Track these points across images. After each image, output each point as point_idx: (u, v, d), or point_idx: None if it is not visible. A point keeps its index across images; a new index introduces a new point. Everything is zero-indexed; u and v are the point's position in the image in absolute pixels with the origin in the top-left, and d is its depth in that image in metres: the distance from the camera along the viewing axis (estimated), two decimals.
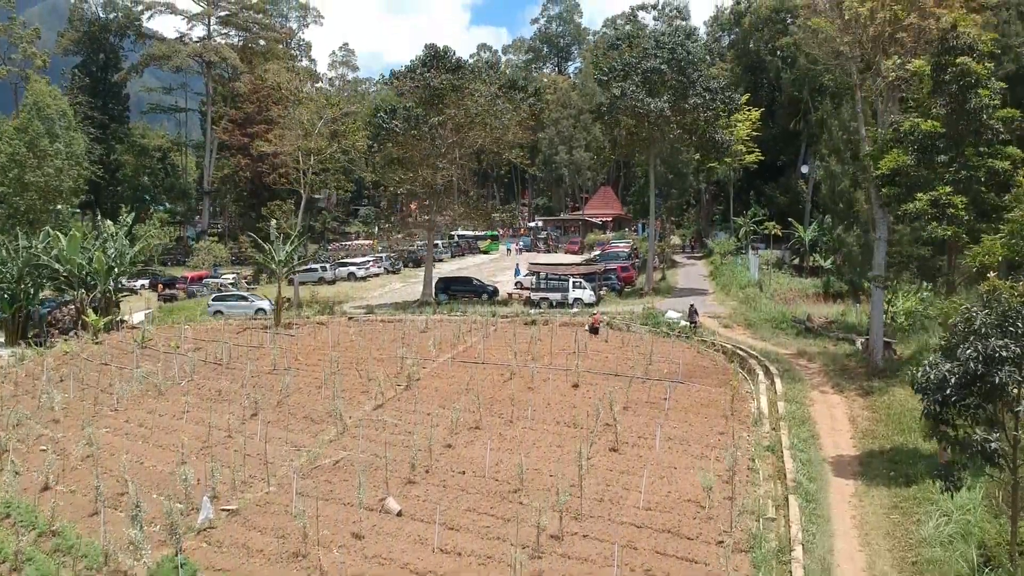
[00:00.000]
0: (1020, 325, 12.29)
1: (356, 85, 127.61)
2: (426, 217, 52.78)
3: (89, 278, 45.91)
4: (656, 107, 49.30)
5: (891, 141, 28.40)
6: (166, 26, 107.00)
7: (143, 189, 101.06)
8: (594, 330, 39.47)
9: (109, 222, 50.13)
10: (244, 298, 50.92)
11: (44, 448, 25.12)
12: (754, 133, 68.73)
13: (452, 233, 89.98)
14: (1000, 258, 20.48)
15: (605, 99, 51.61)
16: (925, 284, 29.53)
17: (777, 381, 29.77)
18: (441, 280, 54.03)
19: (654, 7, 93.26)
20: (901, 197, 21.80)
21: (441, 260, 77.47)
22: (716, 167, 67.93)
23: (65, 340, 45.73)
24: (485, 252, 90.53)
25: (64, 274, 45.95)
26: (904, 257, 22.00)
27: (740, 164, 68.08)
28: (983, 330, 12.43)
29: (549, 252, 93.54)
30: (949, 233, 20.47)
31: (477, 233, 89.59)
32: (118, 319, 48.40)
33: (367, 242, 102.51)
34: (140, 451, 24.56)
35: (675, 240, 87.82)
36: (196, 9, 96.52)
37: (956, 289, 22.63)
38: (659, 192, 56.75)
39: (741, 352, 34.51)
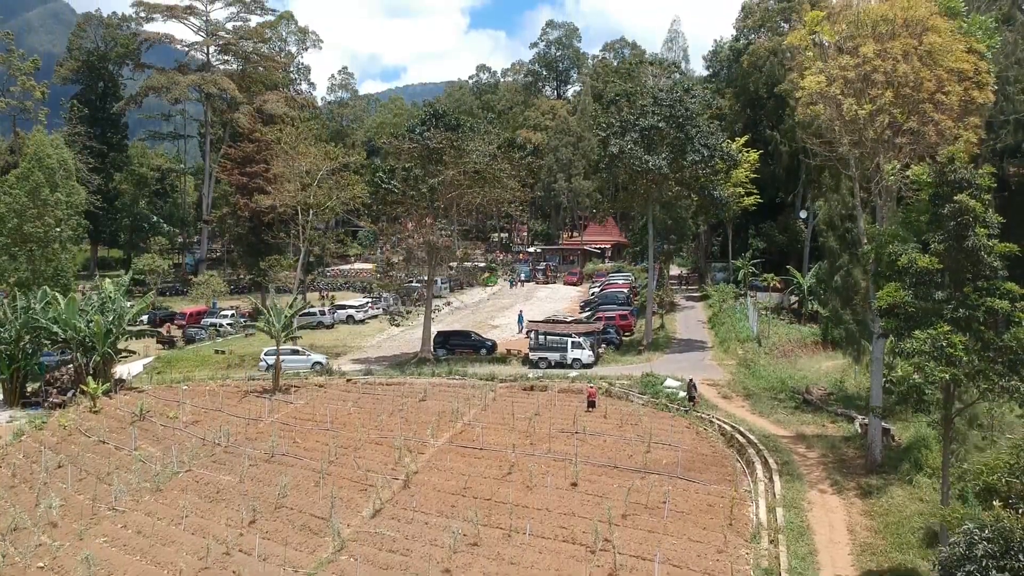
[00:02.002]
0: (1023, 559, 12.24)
1: (355, 109, 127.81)
2: (423, 279, 52.67)
3: (88, 341, 45.83)
4: (655, 164, 49.34)
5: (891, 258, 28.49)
6: (165, 55, 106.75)
7: (142, 217, 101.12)
8: (591, 403, 39.46)
9: (108, 281, 50.07)
10: (298, 352, 50.97)
11: (42, 565, 25.09)
12: (753, 175, 68.81)
13: (451, 264, 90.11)
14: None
15: (603, 156, 51.60)
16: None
17: (776, 479, 29.75)
18: (440, 334, 54.03)
19: (652, 63, 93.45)
20: (900, 331, 21.79)
21: (440, 296, 77.47)
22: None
23: (63, 402, 45.81)
24: (484, 285, 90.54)
25: (63, 337, 45.88)
26: (902, 384, 21.95)
27: (739, 207, 68.08)
28: (984, 561, 12.40)
29: (548, 283, 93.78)
30: (947, 376, 20.43)
31: (477, 264, 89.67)
32: (116, 377, 48.44)
33: (367, 266, 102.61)
34: (138, 570, 24.52)
35: (674, 270, 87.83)
36: (195, 38, 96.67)
37: (954, 423, 22.62)
38: (658, 235, 56.77)
39: (740, 438, 34.47)
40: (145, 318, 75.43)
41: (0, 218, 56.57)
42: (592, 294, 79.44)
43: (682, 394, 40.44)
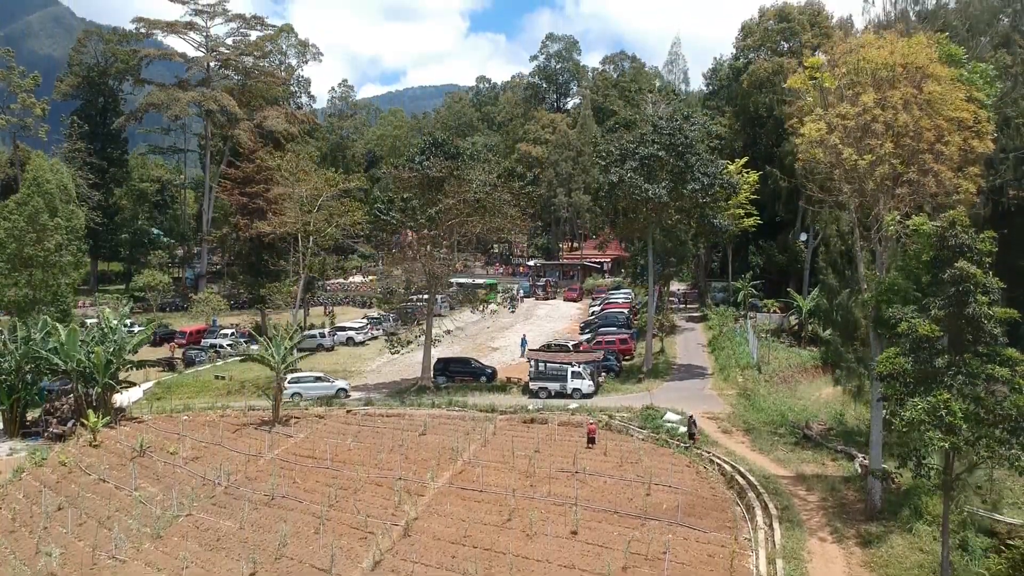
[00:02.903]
0: None
1: (355, 121, 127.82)
2: (423, 298, 52.69)
3: (88, 371, 45.84)
4: (655, 193, 49.38)
5: (888, 293, 28.42)
6: (165, 68, 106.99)
7: (141, 232, 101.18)
8: (591, 440, 39.45)
9: (108, 311, 50.11)
10: (322, 379, 51.42)
11: None
12: (752, 196, 68.81)
13: (451, 281, 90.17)
14: None
15: (603, 184, 51.61)
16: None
17: (776, 527, 29.73)
18: (440, 361, 54.03)
19: (651, 91, 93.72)
20: (900, 397, 21.79)
21: (440, 315, 77.41)
22: None
23: (63, 433, 45.83)
24: (484, 301, 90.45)
25: (63, 368, 45.90)
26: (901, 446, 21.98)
27: (739, 228, 68.06)
28: None
29: (548, 299, 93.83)
30: (947, 444, 20.44)
31: (476, 281, 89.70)
32: (117, 406, 48.47)
33: (367, 279, 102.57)
34: None
35: (673, 286, 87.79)
36: (195, 53, 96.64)
37: (954, 488, 22.62)
38: (657, 258, 56.84)
39: (740, 479, 34.45)
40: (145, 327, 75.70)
41: (0, 243, 56.61)
42: (592, 313, 79.45)
43: (682, 429, 40.42)
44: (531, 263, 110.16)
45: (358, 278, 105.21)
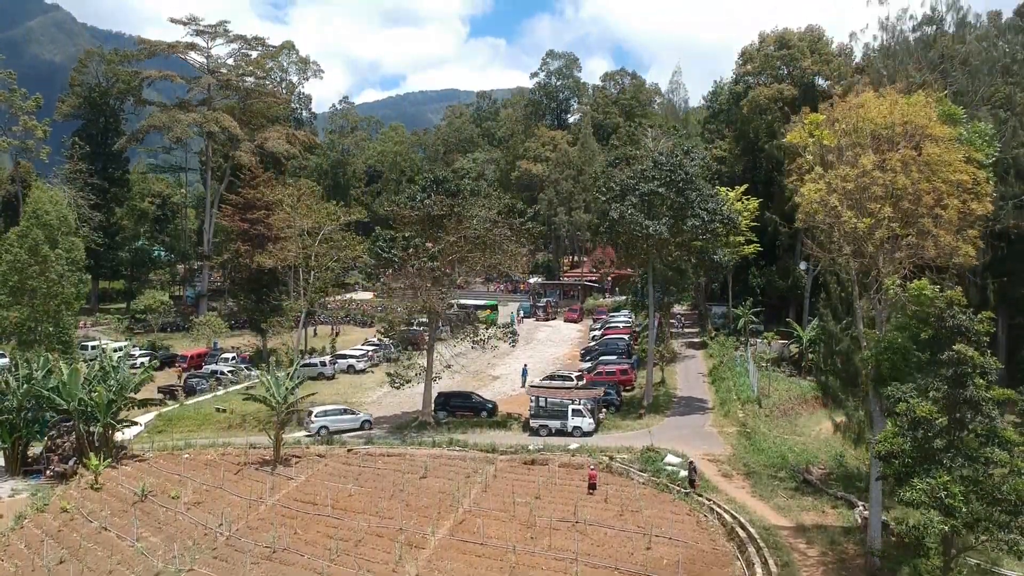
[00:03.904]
0: None
1: (356, 138, 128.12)
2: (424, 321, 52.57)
3: (90, 411, 45.94)
4: (655, 230, 49.53)
5: (887, 354, 28.49)
6: (166, 87, 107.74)
7: (143, 253, 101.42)
8: (592, 486, 39.51)
9: (111, 346, 50.26)
10: (346, 411, 51.96)
11: None
12: (752, 223, 68.93)
13: (451, 302, 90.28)
14: None
15: (604, 220, 51.77)
16: None
17: None
18: (441, 395, 54.05)
19: (651, 126, 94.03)
20: (900, 477, 21.89)
21: (442, 339, 77.46)
22: None
23: (64, 472, 45.91)
24: (485, 322, 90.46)
25: (65, 408, 46.02)
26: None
27: (739, 255, 68.22)
28: None
29: (548, 319, 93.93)
30: (946, 527, 20.52)
31: (476, 303, 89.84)
32: (119, 443, 48.58)
33: (367, 296, 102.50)
34: None
35: (674, 307, 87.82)
36: (197, 73, 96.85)
37: (952, 567, 22.70)
38: (657, 284, 57.01)
39: (740, 531, 34.51)
40: (147, 359, 75.83)
41: (2, 275, 56.77)
42: (592, 337, 79.55)
43: (683, 473, 40.48)
44: (532, 280, 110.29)
45: (360, 295, 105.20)
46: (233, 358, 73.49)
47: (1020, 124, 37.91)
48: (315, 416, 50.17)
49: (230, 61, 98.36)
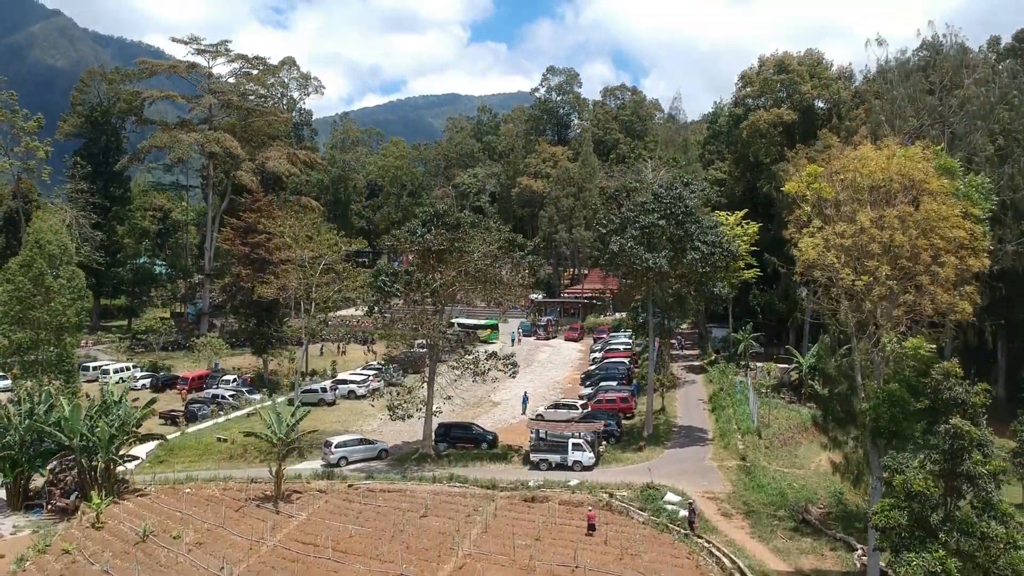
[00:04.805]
0: None
1: (356, 154, 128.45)
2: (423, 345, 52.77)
3: (91, 446, 46.11)
4: (655, 263, 49.73)
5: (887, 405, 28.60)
6: (167, 105, 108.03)
7: (144, 272, 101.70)
8: (591, 527, 39.64)
9: (112, 380, 50.45)
10: (364, 441, 52.88)
11: None
12: (752, 248, 69.04)
13: (452, 321, 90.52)
14: None
15: (604, 252, 51.99)
16: None
17: None
18: (441, 426, 54.15)
19: (650, 157, 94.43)
20: (897, 549, 22.01)
21: (442, 360, 77.61)
22: None
23: (66, 507, 46.08)
24: (485, 342, 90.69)
25: (66, 444, 46.20)
26: None
27: (739, 280, 68.36)
28: None
29: (549, 338, 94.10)
30: None
31: (477, 322, 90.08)
32: (120, 477, 48.73)
33: (365, 318, 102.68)
34: None
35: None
36: (198, 92, 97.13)
37: None
38: (658, 312, 57.16)
39: None
40: (148, 381, 76.01)
41: (4, 305, 57.00)
42: (593, 360, 79.74)
43: (683, 513, 40.60)
44: (533, 296, 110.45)
45: (360, 312, 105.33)
46: (234, 380, 73.59)
47: (1018, 169, 38.16)
48: (335, 447, 50.68)
49: (231, 80, 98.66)
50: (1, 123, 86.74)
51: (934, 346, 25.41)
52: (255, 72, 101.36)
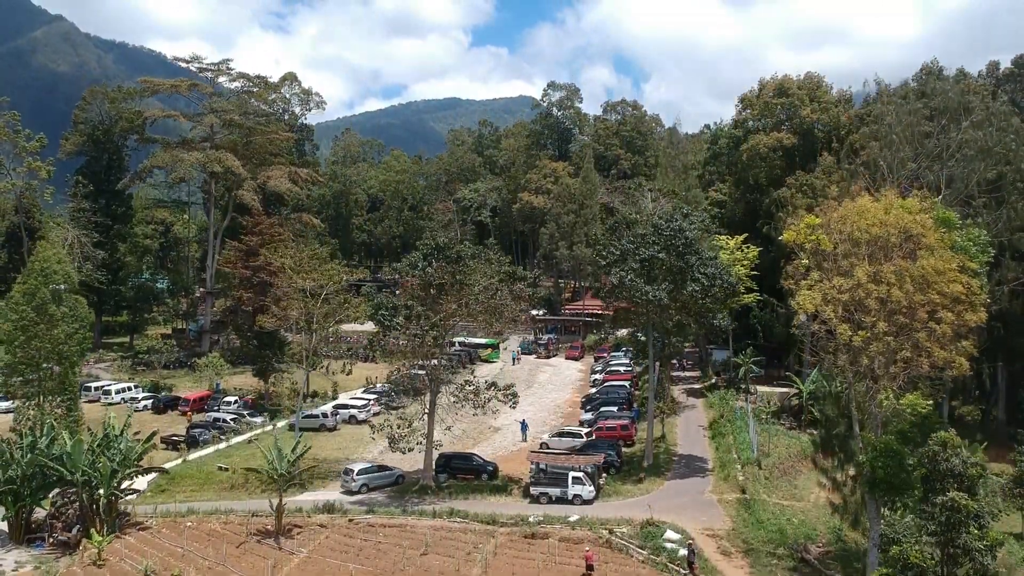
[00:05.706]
0: None
1: (358, 169, 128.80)
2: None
3: (93, 481, 46.28)
4: (655, 296, 49.88)
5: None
6: (169, 121, 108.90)
7: (145, 290, 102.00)
8: (589, 567, 39.74)
9: (113, 415, 50.68)
10: (383, 468, 54.22)
11: None
12: (752, 272, 69.20)
13: (453, 340, 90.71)
14: None
15: (602, 287, 52.23)
16: None
17: None
18: (442, 456, 54.34)
19: (651, 189, 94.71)
20: None
21: (445, 382, 77.67)
22: None
23: (68, 540, 46.22)
24: (487, 361, 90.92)
25: (68, 479, 46.36)
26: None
27: (738, 304, 68.45)
28: None
29: (549, 357, 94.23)
30: None
31: (478, 341, 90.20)
32: (122, 510, 48.91)
33: (367, 328, 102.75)
34: None
35: None
36: (199, 110, 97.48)
37: None
38: (658, 337, 57.31)
39: None
40: (150, 402, 76.28)
41: (8, 336, 57.18)
42: (593, 381, 79.84)
43: (682, 552, 40.64)
44: (533, 312, 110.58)
45: (361, 327, 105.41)
46: (235, 401, 73.78)
47: (1015, 211, 38.30)
48: (357, 475, 52.21)
49: (233, 98, 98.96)
50: (3, 142, 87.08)
51: (931, 402, 25.48)
52: (256, 89, 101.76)
